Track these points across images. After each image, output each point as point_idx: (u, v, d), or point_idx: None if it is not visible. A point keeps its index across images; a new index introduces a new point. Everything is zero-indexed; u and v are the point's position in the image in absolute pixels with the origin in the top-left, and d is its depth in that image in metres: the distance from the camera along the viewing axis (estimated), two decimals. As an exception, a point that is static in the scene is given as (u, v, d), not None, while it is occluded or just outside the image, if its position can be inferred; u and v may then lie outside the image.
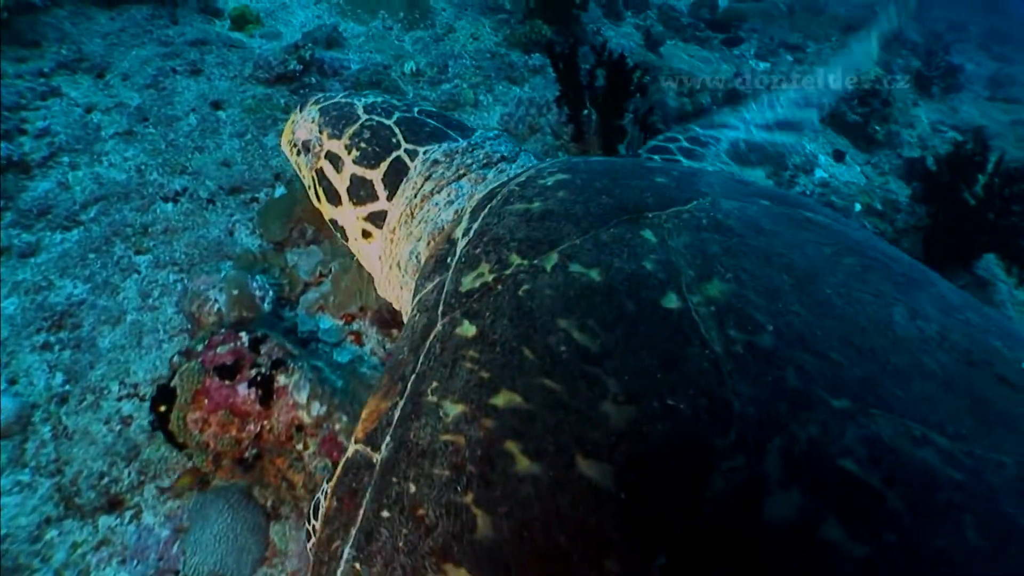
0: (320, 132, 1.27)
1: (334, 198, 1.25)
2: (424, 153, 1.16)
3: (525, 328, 0.72)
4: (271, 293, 2.77)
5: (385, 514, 0.69)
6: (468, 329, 0.77)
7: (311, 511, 1.28)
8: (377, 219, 1.20)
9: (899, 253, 0.90)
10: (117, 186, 3.34)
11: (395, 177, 1.16)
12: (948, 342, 0.69)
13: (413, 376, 0.79)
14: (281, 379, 1.94)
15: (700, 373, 0.62)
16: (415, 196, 1.15)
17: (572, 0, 5.48)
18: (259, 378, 1.91)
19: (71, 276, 3.01)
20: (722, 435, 0.57)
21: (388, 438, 0.76)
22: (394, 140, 1.17)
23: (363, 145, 1.18)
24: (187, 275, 3.15)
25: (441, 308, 0.84)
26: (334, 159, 1.21)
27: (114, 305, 2.94)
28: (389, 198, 1.16)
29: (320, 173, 1.22)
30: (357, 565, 0.70)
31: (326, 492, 0.95)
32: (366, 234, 1.25)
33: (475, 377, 0.70)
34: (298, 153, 1.37)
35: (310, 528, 1.23)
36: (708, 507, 0.53)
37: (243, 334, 2.03)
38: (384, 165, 1.16)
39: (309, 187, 1.35)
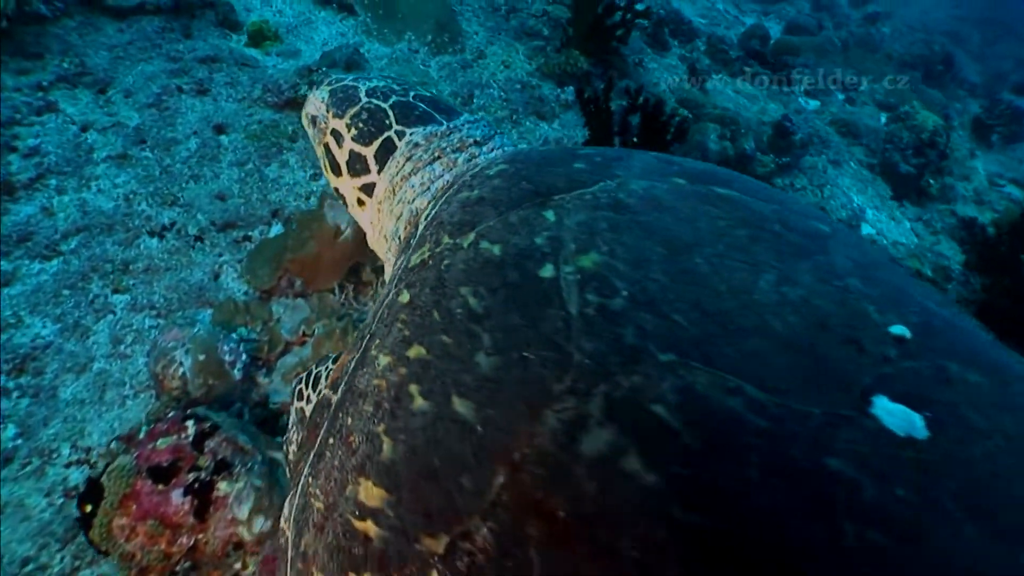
0: (327, 111, 1.45)
1: (336, 170, 1.44)
2: (410, 135, 1.35)
3: (438, 295, 0.90)
4: (244, 357, 2.57)
5: (331, 441, 0.91)
6: (404, 297, 0.96)
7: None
8: (369, 190, 1.40)
9: (815, 227, 0.94)
10: (102, 216, 3.19)
11: (385, 154, 1.36)
12: (808, 306, 0.75)
13: (367, 335, 0.99)
14: (222, 487, 1.72)
15: (554, 331, 0.76)
16: (396, 175, 1.35)
17: (612, 32, 5.21)
18: (197, 485, 1.69)
19: (41, 314, 2.86)
20: (559, 382, 0.71)
21: (343, 384, 0.97)
22: (387, 121, 1.36)
23: (360, 125, 1.37)
24: (164, 320, 2.96)
25: (394, 281, 1.05)
26: (337, 136, 1.41)
27: (82, 351, 2.78)
28: (379, 172, 1.36)
29: (326, 147, 1.43)
30: (310, 479, 0.92)
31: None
32: (360, 202, 1.44)
33: (400, 335, 0.90)
34: (309, 122, 1.56)
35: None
36: (539, 439, 0.69)
37: (190, 424, 1.82)
38: (376, 143, 1.35)
39: (319, 157, 1.55)
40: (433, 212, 1.15)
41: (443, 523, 0.71)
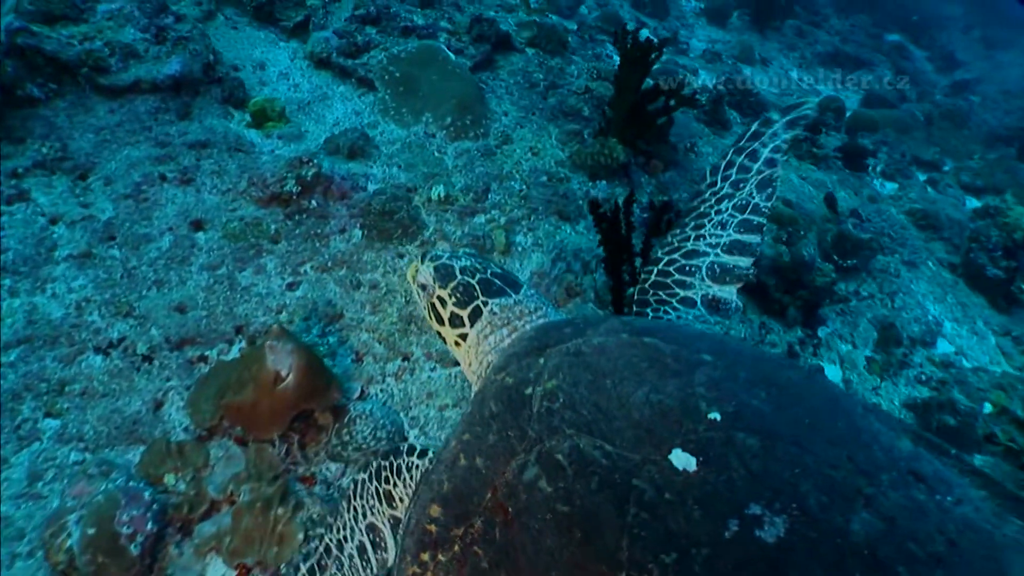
0: (434, 283, 2.05)
1: (440, 321, 2.04)
2: (492, 304, 1.97)
3: (480, 404, 1.58)
4: (150, 525, 2.33)
5: (423, 486, 1.61)
6: (467, 408, 1.67)
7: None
8: (464, 337, 2.00)
9: (698, 358, 1.47)
10: (48, 325, 3.06)
11: (475, 316, 1.98)
12: (661, 405, 1.33)
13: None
14: None
15: (524, 420, 1.41)
16: (481, 332, 1.96)
17: (652, 119, 4.89)
18: None
19: None
20: (520, 445, 1.38)
21: (438, 456, 1.64)
22: (475, 294, 1.99)
23: (458, 295, 1.99)
24: (91, 455, 2.75)
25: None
26: (442, 301, 2.03)
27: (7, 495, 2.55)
28: (471, 327, 1.97)
29: (433, 306, 2.05)
30: (413, 509, 1.57)
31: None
32: (457, 343, 2.03)
33: (460, 426, 1.62)
34: (419, 287, 2.11)
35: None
36: (508, 475, 1.36)
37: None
38: (469, 308, 1.97)
39: (424, 309, 2.14)
40: (503, 355, 1.79)
41: (463, 520, 1.37)
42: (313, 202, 3.89)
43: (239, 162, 4.05)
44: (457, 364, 3.07)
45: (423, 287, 2.09)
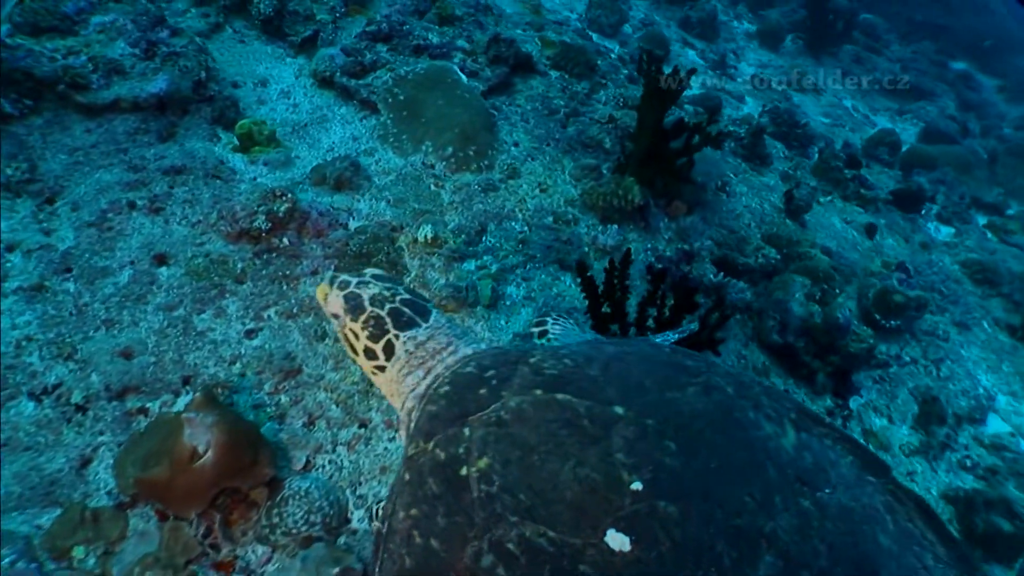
0: (345, 315, 2.07)
1: (355, 353, 2.07)
2: (403, 339, 2.02)
3: (419, 480, 1.61)
4: None
5: (384, 555, 1.62)
6: (406, 476, 1.67)
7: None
8: (380, 368, 2.05)
9: (612, 412, 1.59)
10: None
11: (388, 350, 2.02)
12: (589, 479, 1.45)
13: (395, 492, 1.72)
14: None
15: (467, 505, 1.47)
16: (397, 371, 2.02)
17: (674, 157, 4.61)
18: None
19: None
20: (470, 532, 1.44)
21: (387, 521, 1.68)
22: (386, 327, 2.02)
23: (370, 328, 2.01)
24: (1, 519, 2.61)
25: (404, 459, 1.75)
26: (355, 333, 2.04)
27: None
28: (387, 360, 2.03)
29: (346, 337, 2.08)
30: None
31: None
32: (374, 373, 2.08)
33: (405, 500, 1.61)
34: (331, 315, 2.13)
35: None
36: (465, 560, 1.41)
37: None
38: (382, 343, 2.02)
39: (341, 340, 2.16)
40: (417, 416, 1.84)
41: None
42: (285, 239, 3.75)
43: (214, 191, 3.95)
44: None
45: (335, 315, 2.12)
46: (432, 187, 4.62)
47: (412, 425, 1.86)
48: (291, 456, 3.00)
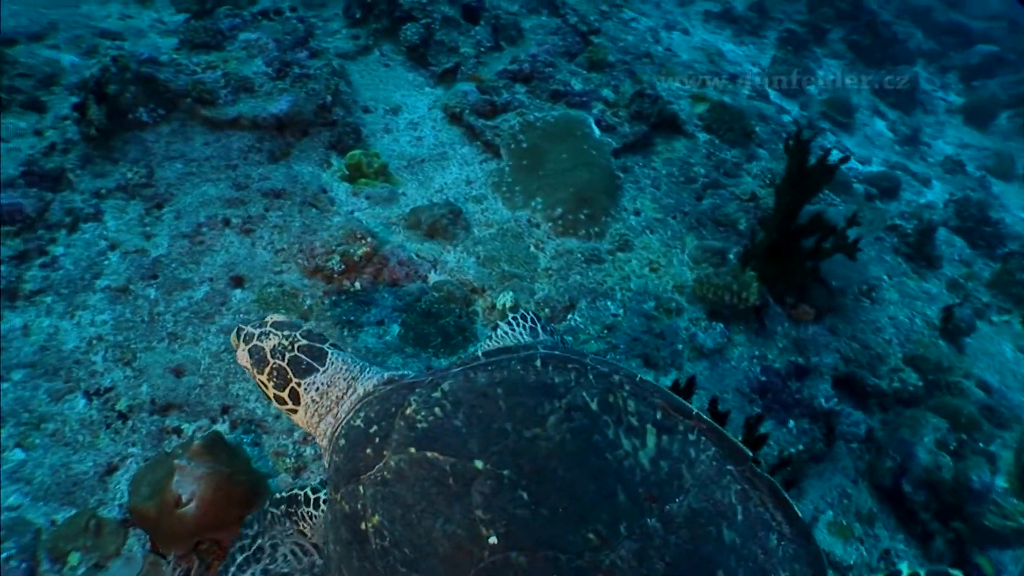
0: (251, 368, 2.46)
1: (267, 399, 2.50)
2: (305, 386, 2.40)
3: (333, 526, 2.08)
4: None
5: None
6: (328, 518, 2.17)
7: None
8: (292, 411, 2.44)
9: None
10: (56, 355, 3.58)
11: (294, 396, 2.41)
12: (454, 536, 1.80)
13: (328, 525, 2.22)
14: None
15: (368, 554, 1.88)
16: (310, 417, 2.42)
17: (802, 257, 4.36)
18: None
19: None
20: (375, 574, 1.92)
21: (325, 545, 2.19)
22: (287, 376, 2.39)
23: (274, 379, 2.40)
24: (30, 502, 3.07)
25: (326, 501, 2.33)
26: (263, 384, 2.44)
27: None
28: (295, 404, 2.41)
29: (259, 385, 2.47)
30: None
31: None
32: (291, 414, 2.46)
33: (327, 535, 2.17)
34: (243, 365, 2.53)
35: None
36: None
37: None
38: (287, 391, 2.41)
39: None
40: (328, 459, 2.27)
41: None
42: (358, 284, 4.03)
43: (306, 220, 4.34)
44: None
45: (246, 368, 2.53)
46: (531, 248, 4.73)
47: (328, 465, 2.31)
48: (296, 512, 3.22)
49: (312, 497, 2.48)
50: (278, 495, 2.62)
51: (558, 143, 5.22)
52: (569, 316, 4.32)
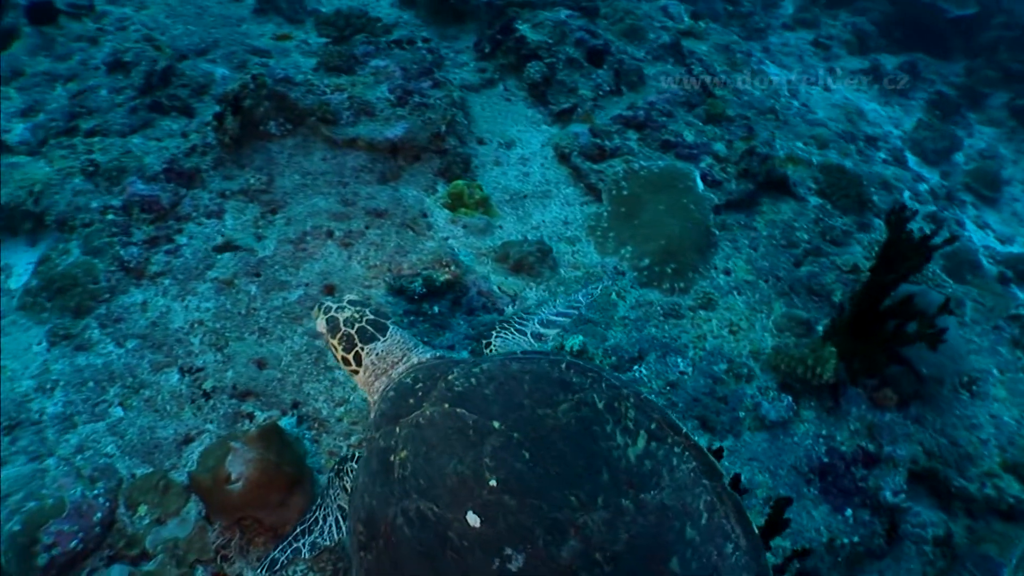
0: (327, 333, 3.12)
1: (337, 360, 3.13)
2: (367, 351, 3.00)
3: (369, 458, 2.56)
4: (75, 543, 3.22)
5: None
6: (363, 453, 2.70)
7: None
8: (354, 372, 3.05)
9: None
10: (163, 332, 4.21)
11: (357, 359, 3.00)
12: (462, 475, 2.23)
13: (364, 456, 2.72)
14: None
15: (393, 481, 2.37)
16: (369, 376, 3.00)
17: (886, 339, 4.37)
18: None
19: (61, 390, 3.87)
20: (394, 500, 2.32)
21: (357, 484, 2.66)
22: (354, 342, 3.01)
23: (343, 343, 3.04)
24: (119, 454, 3.66)
25: (365, 443, 2.77)
26: (334, 347, 3.08)
27: (43, 448, 3.60)
28: (358, 366, 3.01)
29: (331, 349, 3.11)
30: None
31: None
32: (352, 375, 3.09)
33: (363, 469, 2.60)
34: (321, 333, 3.20)
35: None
36: (390, 521, 2.30)
37: None
38: (352, 353, 3.01)
39: (328, 350, 3.47)
40: (375, 408, 2.80)
41: (374, 538, 2.34)
42: (436, 308, 4.47)
43: (401, 241, 4.85)
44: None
45: (322, 333, 3.21)
46: (613, 296, 5.01)
47: (373, 414, 2.85)
48: (337, 508, 3.66)
49: (358, 455, 2.95)
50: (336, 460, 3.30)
51: (657, 193, 5.47)
52: (635, 367, 4.55)
